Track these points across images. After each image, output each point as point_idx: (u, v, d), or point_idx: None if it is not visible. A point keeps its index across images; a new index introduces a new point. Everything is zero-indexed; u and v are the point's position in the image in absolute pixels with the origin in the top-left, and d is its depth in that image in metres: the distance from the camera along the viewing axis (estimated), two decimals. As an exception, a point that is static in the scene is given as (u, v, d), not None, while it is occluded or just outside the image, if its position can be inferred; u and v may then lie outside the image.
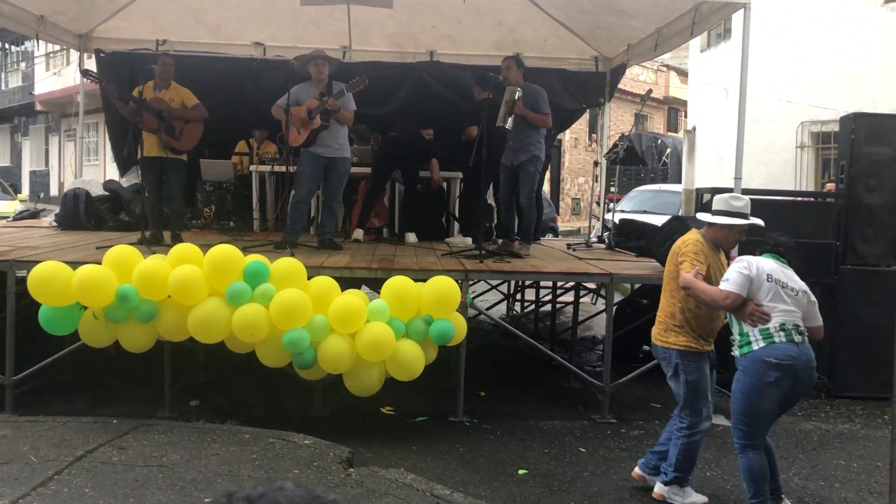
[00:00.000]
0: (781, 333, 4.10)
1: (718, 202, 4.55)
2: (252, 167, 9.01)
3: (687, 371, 4.44)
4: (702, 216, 4.69)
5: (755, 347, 4.12)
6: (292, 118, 6.78)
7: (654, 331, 4.68)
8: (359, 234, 8.08)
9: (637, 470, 4.74)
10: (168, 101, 7.02)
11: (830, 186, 9.36)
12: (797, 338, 4.11)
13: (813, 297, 4.26)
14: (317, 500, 1.03)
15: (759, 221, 4.54)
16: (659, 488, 4.51)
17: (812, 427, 6.04)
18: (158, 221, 7.17)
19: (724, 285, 4.17)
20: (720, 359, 4.72)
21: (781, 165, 10.99)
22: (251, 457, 4.60)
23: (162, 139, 6.95)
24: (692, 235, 4.57)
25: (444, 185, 9.23)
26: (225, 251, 5.20)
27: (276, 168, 8.51)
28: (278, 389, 6.27)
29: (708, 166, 11.34)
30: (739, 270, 4.16)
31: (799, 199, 8.62)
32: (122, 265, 5.14)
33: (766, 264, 4.22)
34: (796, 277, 4.25)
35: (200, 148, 7.94)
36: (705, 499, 4.53)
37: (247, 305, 5.03)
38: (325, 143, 6.90)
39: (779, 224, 5.02)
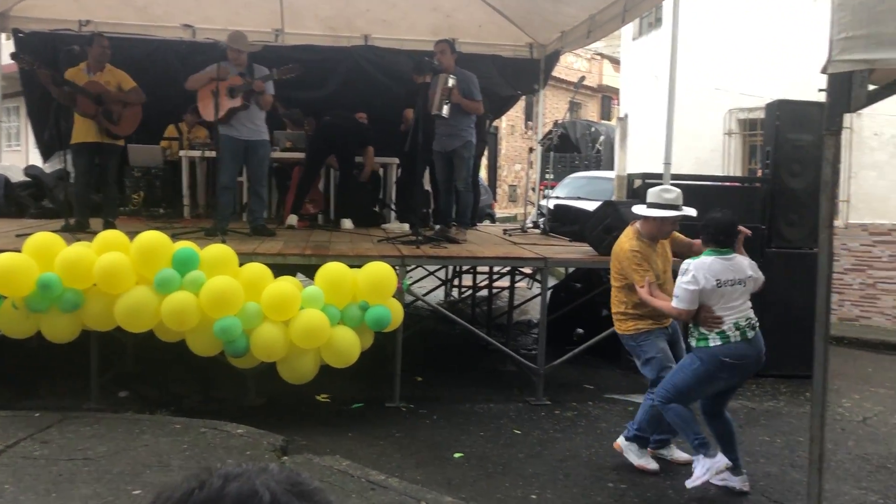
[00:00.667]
0: (737, 333, 4.28)
1: (651, 195, 4.73)
2: (182, 152, 8.79)
3: (643, 351, 4.73)
4: (637, 209, 4.82)
5: (711, 344, 4.31)
6: (212, 94, 6.62)
7: (614, 324, 4.96)
8: (292, 220, 7.96)
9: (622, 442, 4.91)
10: (104, 84, 6.77)
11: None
12: (750, 333, 4.31)
13: (754, 268, 4.45)
14: (297, 487, 0.98)
15: (692, 212, 4.70)
16: (620, 440, 4.83)
17: (739, 405, 6.21)
18: (87, 209, 6.94)
19: (674, 302, 4.37)
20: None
21: (710, 152, 11.26)
22: (182, 447, 4.50)
23: (100, 124, 6.70)
24: (626, 244, 4.75)
25: (381, 170, 9.18)
26: (153, 238, 5.07)
27: (207, 153, 8.32)
28: (210, 378, 6.16)
29: (640, 153, 11.53)
30: (686, 286, 4.29)
31: (727, 184, 8.85)
32: (44, 253, 4.97)
33: (710, 267, 4.31)
34: (740, 261, 4.41)
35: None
36: (657, 466, 4.75)
37: (176, 293, 4.92)
38: (242, 123, 6.76)
39: (708, 210, 5.15)
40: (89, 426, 4.80)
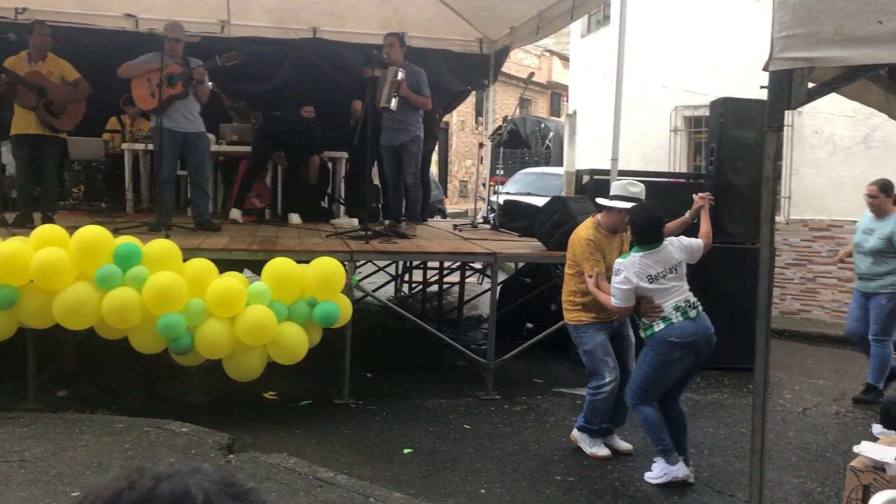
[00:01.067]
0: (677, 314, 4.41)
1: (616, 188, 4.92)
2: (125, 145, 8.57)
3: (582, 342, 4.91)
4: (600, 201, 4.93)
5: (656, 329, 4.44)
6: (147, 82, 6.47)
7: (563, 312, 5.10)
8: (236, 214, 7.81)
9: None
10: (46, 74, 6.55)
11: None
12: (692, 312, 4.44)
13: (685, 242, 4.60)
14: (231, 487, 0.95)
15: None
16: (575, 431, 5.08)
17: (684, 397, 6.31)
18: (29, 203, 6.71)
19: (612, 300, 4.52)
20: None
21: (656, 148, 11.42)
22: (124, 447, 4.39)
23: (41, 117, 6.48)
24: (583, 232, 4.88)
25: (329, 165, 9.09)
26: (93, 232, 4.93)
27: (150, 146, 8.13)
28: (154, 377, 6.02)
29: (588, 149, 11.65)
30: (619, 286, 4.46)
31: (673, 180, 8.98)
32: (-23, 248, 4.79)
33: (639, 265, 4.43)
34: (669, 249, 4.49)
35: (68, 125, 7.47)
36: (607, 452, 4.94)
37: (118, 289, 4.80)
38: (179, 114, 6.57)
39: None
40: (26, 427, 4.65)
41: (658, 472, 4.54)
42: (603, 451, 4.93)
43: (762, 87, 2.77)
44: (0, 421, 4.72)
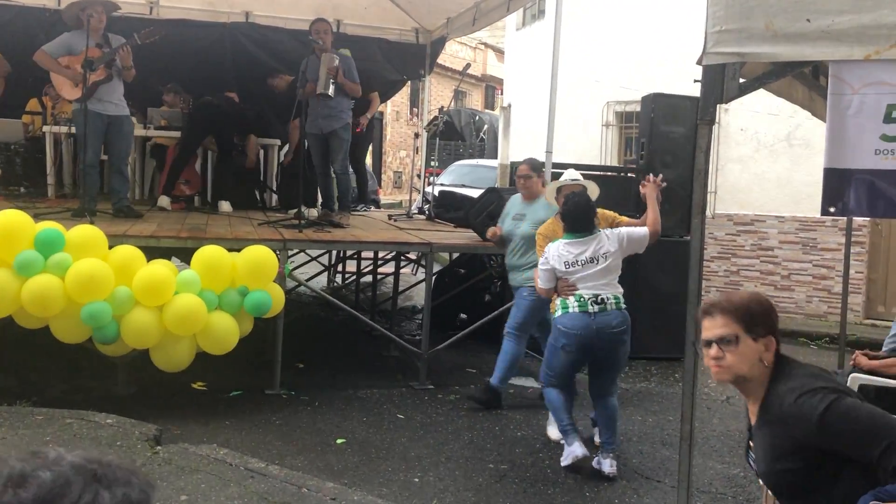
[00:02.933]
0: (576, 304, 4.49)
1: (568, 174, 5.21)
2: (46, 128, 8.23)
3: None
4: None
5: (555, 315, 4.62)
6: (68, 70, 6.24)
7: None
8: (164, 201, 7.58)
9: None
10: None
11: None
12: (592, 307, 4.46)
13: (624, 234, 4.66)
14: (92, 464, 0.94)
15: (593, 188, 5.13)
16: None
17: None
18: None
19: (537, 281, 4.75)
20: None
21: (589, 142, 11.60)
22: (45, 440, 4.23)
23: None
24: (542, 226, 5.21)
25: (261, 152, 8.92)
26: (12, 217, 4.73)
27: (73, 129, 7.83)
28: (76, 368, 5.81)
29: (522, 142, 11.75)
30: (540, 267, 4.69)
31: (604, 174, 9.13)
32: None
33: (559, 250, 4.57)
34: (601, 242, 4.57)
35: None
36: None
37: (39, 276, 4.62)
38: (105, 98, 6.33)
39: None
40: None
41: (564, 454, 4.64)
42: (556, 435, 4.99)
43: (696, 81, 2.83)
44: None
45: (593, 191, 5.14)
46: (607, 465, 4.55)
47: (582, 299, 4.47)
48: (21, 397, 5.05)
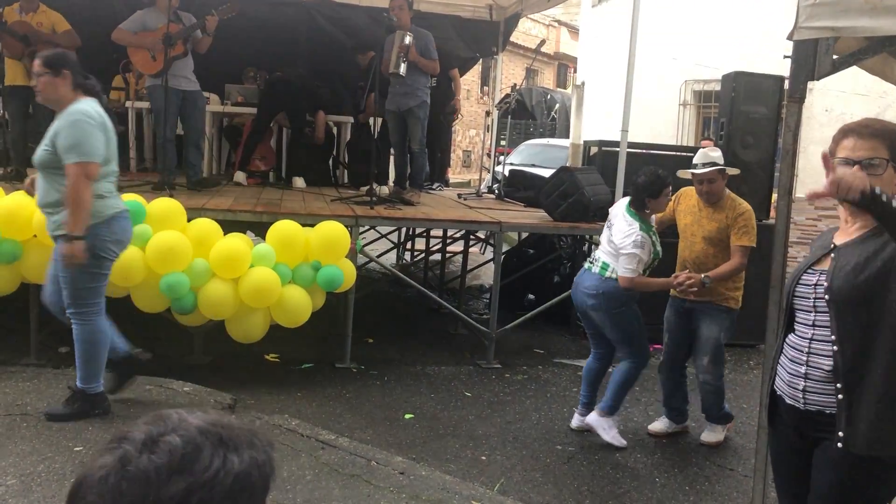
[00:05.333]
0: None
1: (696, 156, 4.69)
2: (129, 103, 8.48)
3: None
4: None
5: None
6: (147, 40, 6.40)
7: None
8: (240, 176, 7.75)
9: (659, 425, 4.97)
10: (36, 25, 6.45)
11: (707, 143, 9.77)
12: (586, 265, 4.74)
13: (622, 250, 4.45)
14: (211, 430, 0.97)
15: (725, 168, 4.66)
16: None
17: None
18: (22, 156, 6.64)
19: None
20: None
21: (664, 122, 11.34)
22: (126, 404, 4.38)
23: (26, 67, 6.39)
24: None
25: (335, 129, 9.01)
26: (97, 189, 4.86)
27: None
28: (155, 336, 6.00)
29: (596, 121, 11.58)
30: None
31: (681, 154, 8.90)
32: (-20, 202, 4.74)
33: (616, 209, 4.69)
34: (622, 227, 4.50)
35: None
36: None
37: (121, 247, 4.75)
38: (179, 73, 6.49)
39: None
40: (28, 381, 4.65)
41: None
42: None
43: (785, 57, 2.72)
44: (3, 375, 4.72)
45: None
46: (574, 419, 4.82)
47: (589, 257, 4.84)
48: (104, 363, 5.24)
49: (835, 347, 2.15)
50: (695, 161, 4.63)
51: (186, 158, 6.91)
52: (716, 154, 4.59)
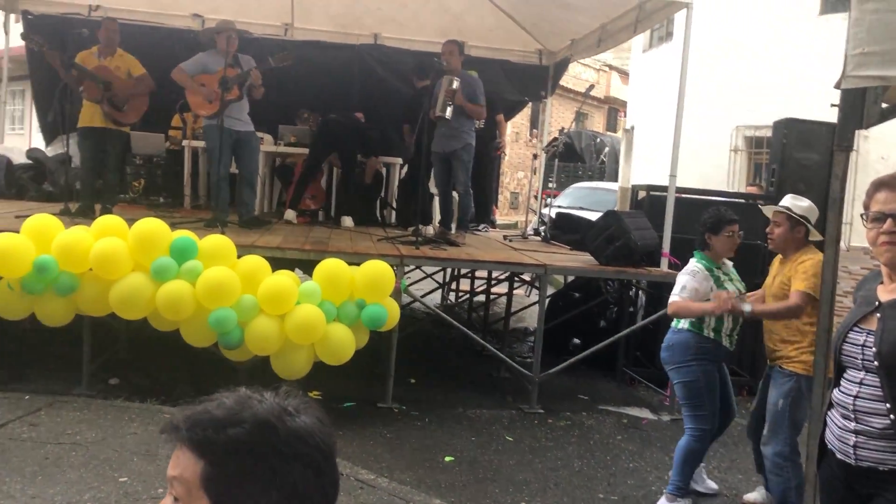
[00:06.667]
0: None
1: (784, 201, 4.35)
2: (185, 142, 8.75)
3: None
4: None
5: None
6: (203, 88, 6.62)
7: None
8: (290, 215, 7.91)
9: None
10: (114, 69, 6.74)
11: (752, 189, 9.65)
12: None
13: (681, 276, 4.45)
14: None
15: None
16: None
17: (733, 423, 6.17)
18: (92, 193, 6.89)
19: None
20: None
21: (714, 167, 11.24)
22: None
23: (105, 110, 6.67)
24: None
25: (383, 170, 9.14)
26: (151, 225, 5.02)
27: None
28: (201, 370, 6.10)
29: (645, 165, 11.53)
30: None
31: (731, 200, 8.80)
32: (42, 235, 4.93)
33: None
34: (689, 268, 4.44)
35: (131, 120, 7.66)
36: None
37: (172, 282, 4.88)
38: (234, 115, 6.69)
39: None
40: (78, 411, 4.76)
41: None
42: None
43: (833, 106, 2.70)
44: (56, 404, 4.84)
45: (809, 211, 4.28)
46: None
47: None
48: (151, 396, 5.37)
49: (891, 416, 2.11)
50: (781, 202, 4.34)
51: (240, 197, 7.08)
52: (801, 203, 4.23)
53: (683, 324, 4.37)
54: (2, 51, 9.07)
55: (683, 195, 7.03)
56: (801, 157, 7.10)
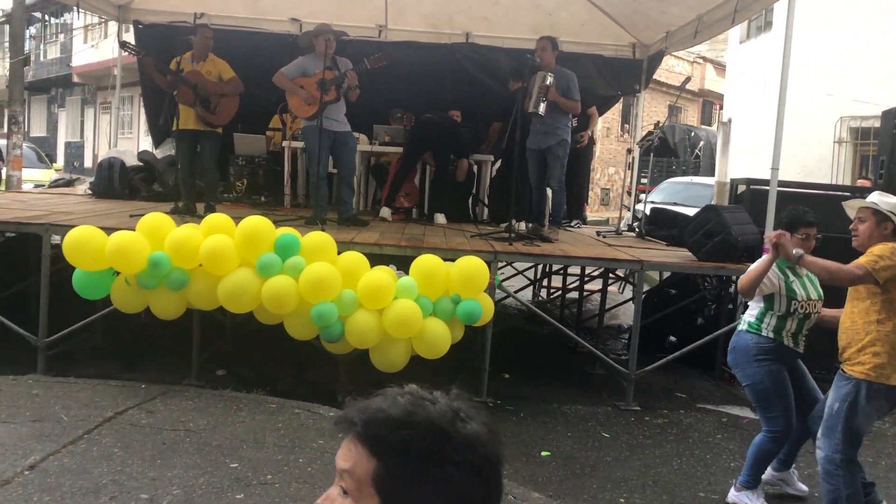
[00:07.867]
0: None
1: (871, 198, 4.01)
2: (284, 142, 9.04)
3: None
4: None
5: None
6: (302, 91, 6.82)
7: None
8: (386, 212, 8.07)
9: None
10: (205, 73, 7.04)
11: (863, 182, 9.20)
12: None
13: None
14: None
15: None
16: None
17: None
18: (191, 193, 7.22)
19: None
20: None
21: (817, 160, 10.82)
22: (276, 426, 4.64)
23: (197, 112, 6.98)
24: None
25: (475, 168, 9.21)
26: (257, 222, 5.22)
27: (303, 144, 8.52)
28: (304, 363, 6.31)
29: (742, 159, 11.20)
30: None
31: (837, 193, 8.47)
32: (155, 233, 5.19)
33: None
34: None
35: (234, 122, 7.98)
36: None
37: (276, 277, 5.06)
38: (332, 116, 6.87)
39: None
40: (191, 400, 5.00)
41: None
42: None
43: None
44: (169, 393, 5.10)
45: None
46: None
47: None
48: (257, 386, 5.59)
49: None
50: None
51: (339, 195, 7.28)
52: (888, 199, 3.88)
53: (743, 325, 4.32)
54: (115, 59, 9.57)
55: (786, 189, 6.80)
56: (914, 147, 6.78)
